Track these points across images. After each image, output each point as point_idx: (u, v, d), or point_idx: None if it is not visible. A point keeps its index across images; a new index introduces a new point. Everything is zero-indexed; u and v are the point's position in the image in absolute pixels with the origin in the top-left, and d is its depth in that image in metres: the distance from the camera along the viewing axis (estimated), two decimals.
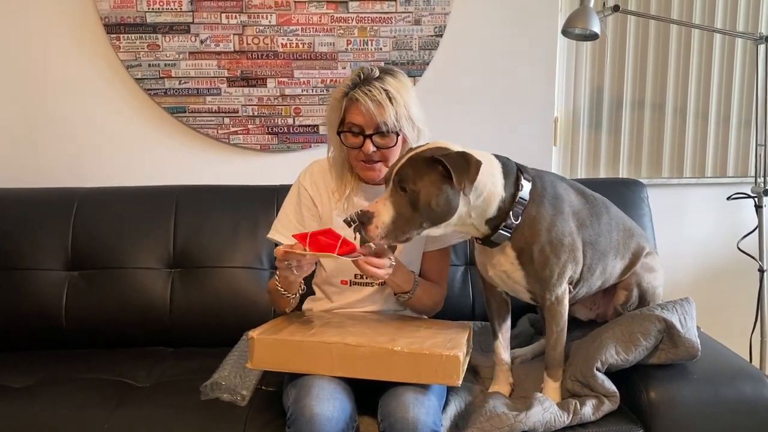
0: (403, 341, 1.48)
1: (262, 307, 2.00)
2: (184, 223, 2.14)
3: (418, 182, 1.42)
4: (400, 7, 2.41)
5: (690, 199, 2.65)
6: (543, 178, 1.60)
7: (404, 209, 1.43)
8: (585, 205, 1.66)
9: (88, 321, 2.06)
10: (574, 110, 2.60)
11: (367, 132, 1.62)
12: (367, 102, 1.59)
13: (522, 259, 1.55)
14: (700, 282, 2.66)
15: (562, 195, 1.61)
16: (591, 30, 2.17)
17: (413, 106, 1.65)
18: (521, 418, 1.50)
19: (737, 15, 2.54)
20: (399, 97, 1.61)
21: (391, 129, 1.61)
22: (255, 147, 2.47)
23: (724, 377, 1.61)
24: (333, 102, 1.68)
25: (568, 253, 1.57)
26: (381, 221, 1.42)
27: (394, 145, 1.64)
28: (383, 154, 1.65)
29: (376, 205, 1.43)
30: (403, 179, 1.43)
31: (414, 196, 1.42)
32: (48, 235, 2.11)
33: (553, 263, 1.55)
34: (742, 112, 2.60)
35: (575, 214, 1.62)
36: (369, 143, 1.62)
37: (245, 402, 1.65)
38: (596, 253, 1.65)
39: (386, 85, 1.61)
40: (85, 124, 2.42)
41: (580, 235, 1.61)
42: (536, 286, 1.58)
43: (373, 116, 1.60)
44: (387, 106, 1.59)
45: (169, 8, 2.36)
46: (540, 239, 1.54)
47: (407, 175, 1.43)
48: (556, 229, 1.56)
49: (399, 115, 1.60)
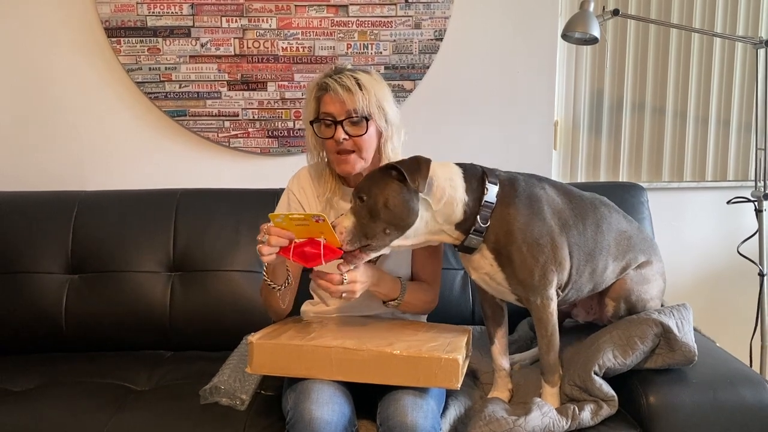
0: (402, 345, 1.48)
1: (262, 311, 1.99)
2: (184, 226, 2.14)
3: (374, 189, 1.50)
4: (400, 11, 2.41)
5: (690, 203, 2.65)
6: (516, 180, 1.61)
7: (364, 216, 1.50)
8: (568, 205, 1.66)
9: (88, 324, 2.06)
10: (574, 114, 2.60)
11: (338, 118, 1.65)
12: (337, 87, 1.63)
13: (500, 260, 1.57)
14: (700, 286, 2.65)
15: (538, 195, 1.61)
16: (591, 34, 2.17)
17: (384, 99, 1.68)
18: (520, 422, 1.50)
19: (737, 19, 2.54)
20: (370, 86, 1.65)
21: (360, 114, 1.63)
22: (255, 150, 2.47)
23: (723, 382, 1.61)
24: (307, 95, 1.72)
25: (547, 254, 1.57)
26: (343, 226, 1.49)
27: (365, 132, 1.66)
28: (356, 144, 1.66)
29: (340, 217, 1.52)
30: (360, 190, 1.52)
31: (371, 202, 1.50)
32: (48, 238, 2.12)
33: (532, 264, 1.56)
34: (742, 116, 2.60)
35: (556, 214, 1.62)
36: (340, 130, 1.64)
37: (244, 406, 1.65)
38: (583, 254, 1.64)
39: (357, 75, 1.66)
40: (85, 127, 2.43)
41: (564, 235, 1.61)
42: (519, 288, 1.59)
43: (343, 102, 1.63)
44: (356, 91, 1.63)
45: (170, 12, 2.36)
46: (515, 240, 1.55)
47: (364, 186, 1.52)
48: (532, 230, 1.56)
49: (369, 102, 1.64)
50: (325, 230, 1.47)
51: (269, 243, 1.49)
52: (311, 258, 1.49)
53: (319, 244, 1.49)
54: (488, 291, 1.68)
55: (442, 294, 1.88)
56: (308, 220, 1.46)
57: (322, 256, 1.48)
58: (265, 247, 1.49)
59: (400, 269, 1.76)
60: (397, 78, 2.43)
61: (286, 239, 1.50)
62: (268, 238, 1.49)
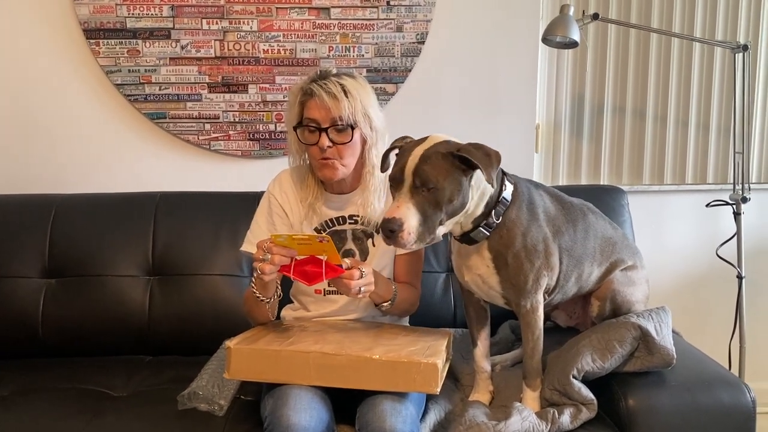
0: (381, 349, 1.47)
1: (242, 315, 1.97)
2: (163, 230, 2.12)
3: (441, 179, 1.39)
4: (382, 14, 2.41)
5: (670, 206, 2.66)
6: (521, 182, 1.62)
7: (428, 209, 1.40)
8: (561, 211, 1.67)
9: (66, 329, 2.04)
10: (556, 117, 2.61)
11: (323, 125, 1.63)
12: (322, 94, 1.60)
13: (497, 262, 1.56)
14: (680, 288, 2.67)
15: (536, 201, 1.62)
16: (571, 38, 2.18)
17: (370, 105, 1.66)
18: (500, 427, 1.50)
19: (716, 24, 2.56)
20: (355, 93, 1.63)
21: (346, 122, 1.62)
22: (236, 153, 2.45)
23: (701, 384, 1.62)
24: (291, 99, 1.70)
25: (542, 259, 1.58)
26: (411, 226, 1.37)
27: (350, 140, 1.65)
28: (339, 151, 1.65)
29: (398, 210, 1.38)
30: (425, 178, 1.39)
31: (439, 194, 1.39)
32: (25, 242, 2.09)
33: (528, 269, 1.56)
34: (721, 120, 2.63)
35: (551, 221, 1.63)
36: (324, 137, 1.63)
37: (223, 412, 1.64)
38: (572, 259, 1.66)
39: (343, 81, 1.64)
40: (63, 130, 2.40)
41: (556, 241, 1.62)
42: (510, 292, 1.59)
43: (328, 109, 1.61)
44: (342, 99, 1.61)
45: (150, 14, 2.34)
46: (515, 243, 1.55)
47: (429, 174, 1.39)
48: (531, 235, 1.57)
49: (355, 110, 1.62)
50: (328, 250, 1.47)
51: (272, 262, 1.47)
52: (313, 277, 1.49)
53: (321, 262, 1.49)
54: (477, 293, 1.67)
55: (424, 297, 1.88)
56: (312, 240, 1.45)
57: (324, 274, 1.48)
58: (267, 266, 1.47)
59: (384, 271, 1.75)
60: (380, 81, 2.43)
61: (288, 258, 1.49)
62: (271, 257, 1.47)
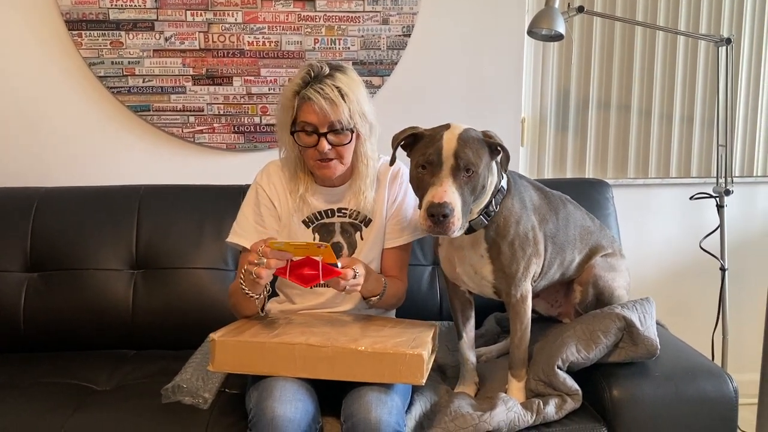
0: (367, 341, 1.47)
1: (227, 309, 1.96)
2: (147, 223, 2.10)
3: (480, 164, 1.42)
4: (368, 6, 2.39)
5: (655, 199, 2.68)
6: (510, 173, 1.64)
7: (466, 193, 1.42)
8: (544, 200, 1.71)
9: (48, 323, 2.02)
10: (541, 111, 2.61)
11: (321, 130, 1.61)
12: (321, 100, 1.58)
13: (492, 252, 1.57)
14: (664, 280, 2.69)
15: (523, 191, 1.65)
16: (556, 31, 2.18)
17: (364, 101, 1.65)
18: (485, 418, 1.51)
19: (700, 17, 2.58)
20: (351, 93, 1.61)
21: (345, 126, 1.61)
22: (221, 146, 2.44)
23: (685, 375, 1.63)
24: (284, 101, 1.66)
25: (532, 247, 1.61)
26: (459, 211, 1.39)
27: (349, 142, 1.64)
28: (338, 152, 1.65)
29: (446, 194, 1.37)
30: (468, 161, 1.40)
31: (476, 179, 1.42)
32: (6, 235, 2.07)
33: (520, 257, 1.58)
34: (705, 113, 2.64)
35: (536, 210, 1.66)
36: (324, 142, 1.62)
37: (207, 405, 1.63)
38: (555, 246, 1.69)
39: (338, 82, 1.61)
40: (46, 122, 2.37)
41: (542, 229, 1.65)
42: (502, 281, 1.60)
43: (327, 114, 1.59)
44: (340, 103, 1.59)
45: (133, 5, 2.31)
46: (509, 232, 1.57)
47: (470, 156, 1.41)
48: (523, 223, 1.60)
49: (353, 112, 1.61)
50: (325, 254, 1.47)
51: (268, 266, 1.47)
52: (310, 279, 1.49)
53: (317, 263, 1.49)
54: (466, 284, 1.68)
55: (411, 290, 1.88)
56: (310, 247, 1.45)
57: (320, 276, 1.48)
58: (264, 270, 1.47)
59: (372, 264, 1.75)
60: (366, 74, 2.42)
61: (284, 261, 1.49)
62: (267, 261, 1.47)
